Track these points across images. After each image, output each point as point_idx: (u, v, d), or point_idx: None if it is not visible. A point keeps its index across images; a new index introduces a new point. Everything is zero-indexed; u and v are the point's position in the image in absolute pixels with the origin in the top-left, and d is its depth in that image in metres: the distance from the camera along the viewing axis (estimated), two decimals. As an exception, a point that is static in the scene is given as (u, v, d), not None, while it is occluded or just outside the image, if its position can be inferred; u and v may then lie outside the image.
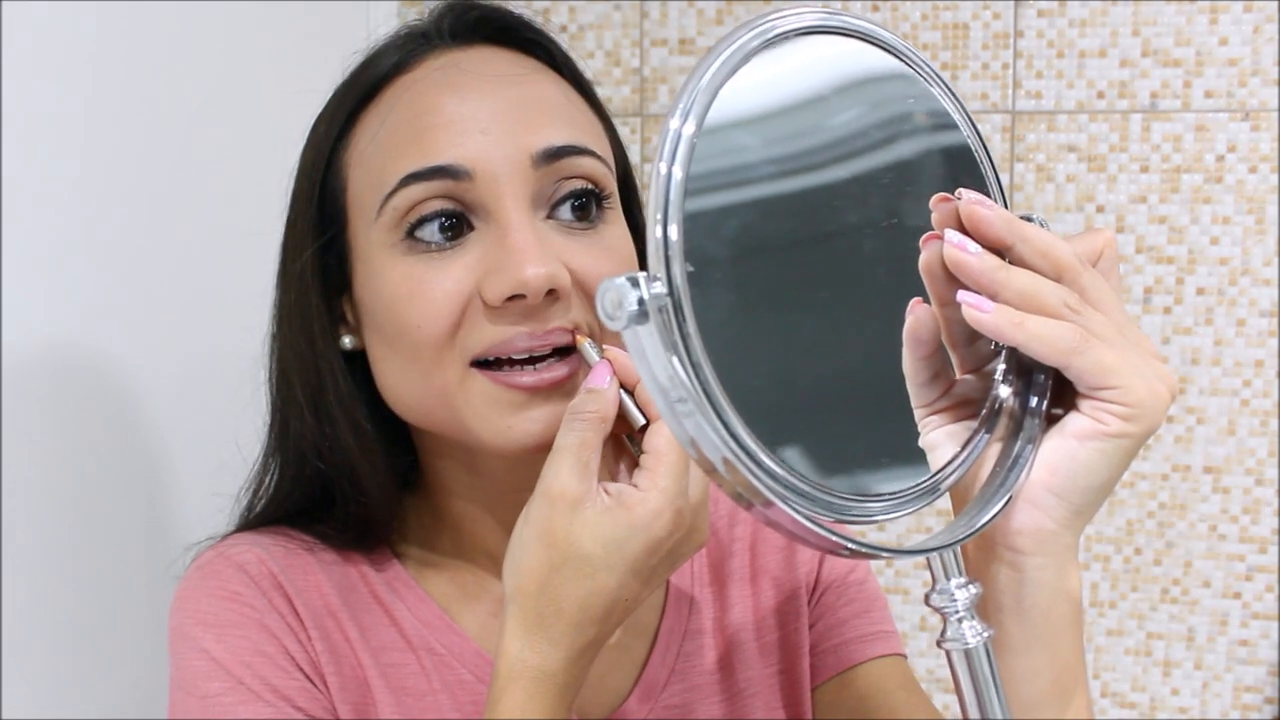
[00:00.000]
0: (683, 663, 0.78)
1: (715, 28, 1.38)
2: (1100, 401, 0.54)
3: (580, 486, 0.62)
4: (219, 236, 1.07)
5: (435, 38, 0.72)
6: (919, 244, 0.55)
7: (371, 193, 0.70)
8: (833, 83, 0.55)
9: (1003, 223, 0.54)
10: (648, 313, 0.46)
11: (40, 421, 0.88)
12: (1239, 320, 1.29)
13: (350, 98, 0.72)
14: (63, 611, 0.90)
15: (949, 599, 0.55)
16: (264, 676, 0.69)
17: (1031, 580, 0.57)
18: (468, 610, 0.76)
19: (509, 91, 0.70)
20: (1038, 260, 0.54)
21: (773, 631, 0.82)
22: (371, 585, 0.75)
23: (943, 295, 0.55)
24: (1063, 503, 0.55)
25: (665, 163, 0.47)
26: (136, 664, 0.96)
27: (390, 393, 0.72)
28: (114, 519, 0.95)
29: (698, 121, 0.48)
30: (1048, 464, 0.55)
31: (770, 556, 0.84)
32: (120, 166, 0.95)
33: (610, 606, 0.62)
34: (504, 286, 0.66)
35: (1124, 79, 1.29)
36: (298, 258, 0.73)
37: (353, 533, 0.75)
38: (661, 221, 0.47)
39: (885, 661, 0.83)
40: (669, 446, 0.63)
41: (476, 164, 0.67)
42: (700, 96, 0.48)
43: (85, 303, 0.92)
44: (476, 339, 0.67)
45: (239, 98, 1.10)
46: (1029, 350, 0.53)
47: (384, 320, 0.69)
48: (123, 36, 0.95)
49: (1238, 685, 1.33)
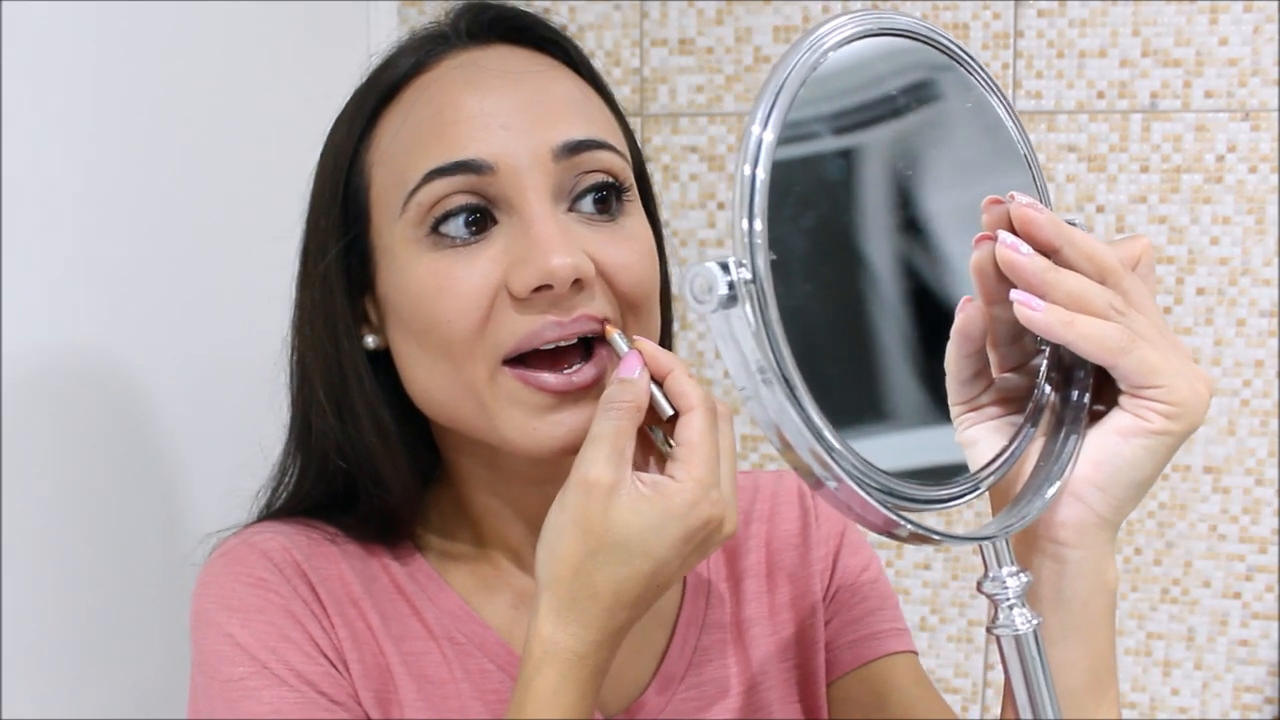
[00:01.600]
0: (700, 655, 0.79)
1: (715, 28, 1.38)
2: (1144, 400, 0.57)
3: (615, 474, 0.63)
4: (223, 237, 1.06)
5: (453, 38, 0.74)
6: (971, 243, 0.58)
7: (395, 190, 0.70)
8: (899, 83, 0.59)
9: (1052, 226, 0.56)
10: (737, 297, 0.50)
11: (48, 422, 0.87)
12: (1239, 320, 1.29)
13: (370, 98, 0.73)
14: (64, 611, 0.90)
15: (1001, 586, 0.57)
16: (288, 661, 0.69)
17: (1072, 572, 0.59)
18: (488, 602, 0.76)
19: (528, 87, 0.71)
20: (1083, 263, 0.56)
21: (788, 627, 0.83)
22: (394, 576, 0.76)
23: (991, 294, 0.58)
24: (1106, 497, 0.58)
25: (749, 165, 0.51)
26: (137, 664, 0.96)
27: (418, 389, 0.72)
28: (115, 519, 0.95)
29: (776, 128, 0.52)
30: (1092, 459, 0.58)
31: (786, 554, 0.84)
32: (120, 167, 0.95)
33: (643, 592, 0.63)
34: (531, 277, 0.66)
35: (1124, 79, 1.29)
36: (321, 258, 0.73)
37: (375, 526, 0.76)
38: (747, 215, 0.51)
39: (900, 658, 0.84)
40: (702, 439, 0.64)
41: (499, 158, 0.68)
42: (780, 101, 0.52)
43: (95, 304, 0.92)
44: (507, 333, 0.68)
45: (238, 98, 1.10)
46: (1077, 348, 0.56)
47: (411, 316, 0.70)
48: (121, 38, 0.95)
49: (1238, 685, 1.33)
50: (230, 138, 1.08)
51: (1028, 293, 0.56)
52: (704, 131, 1.39)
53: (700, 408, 0.65)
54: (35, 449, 0.87)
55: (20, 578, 0.85)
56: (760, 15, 1.37)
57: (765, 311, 0.50)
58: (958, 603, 1.38)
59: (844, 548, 0.87)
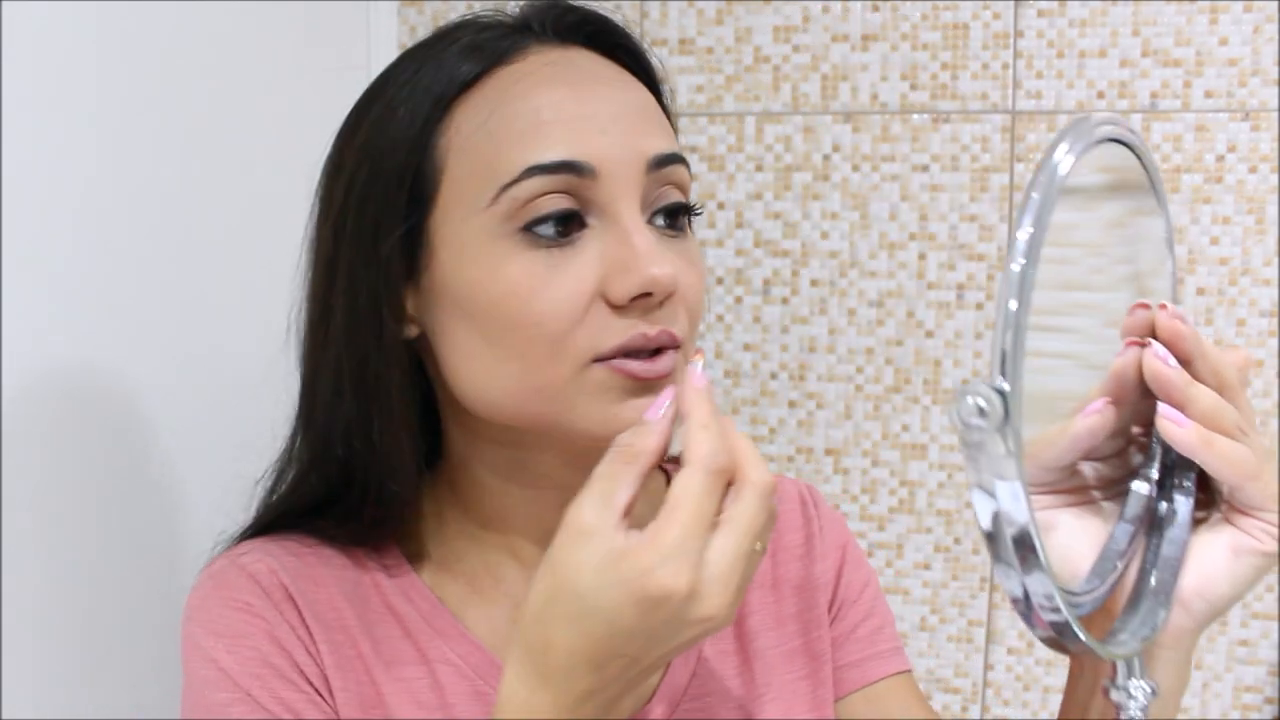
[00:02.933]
0: (704, 667, 0.78)
1: (715, 28, 1.38)
2: (1260, 521, 0.59)
3: (594, 519, 0.57)
4: (223, 238, 1.06)
5: (538, 32, 0.72)
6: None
7: (481, 180, 0.68)
8: (1118, 209, 0.63)
9: (1194, 339, 0.59)
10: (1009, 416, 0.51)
11: (48, 423, 0.87)
12: (1239, 320, 1.29)
13: (445, 83, 0.70)
14: (64, 612, 0.90)
15: (1127, 696, 0.60)
16: (272, 689, 0.69)
17: (1162, 670, 0.63)
18: (485, 617, 0.75)
19: (621, 95, 0.70)
20: (1210, 377, 0.59)
21: (795, 638, 0.82)
22: (385, 594, 0.75)
23: (1123, 397, 0.60)
24: (1209, 607, 0.61)
25: (1014, 300, 0.52)
26: (137, 665, 0.96)
27: (467, 384, 0.70)
28: (116, 519, 0.95)
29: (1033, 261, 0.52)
30: (1202, 571, 0.61)
31: (791, 565, 0.84)
32: (119, 168, 0.95)
33: (603, 658, 0.57)
34: (634, 285, 0.66)
35: (1124, 79, 1.29)
36: (368, 243, 0.70)
37: (367, 525, 0.74)
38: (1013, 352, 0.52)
39: (902, 678, 0.85)
40: (687, 500, 0.57)
41: (601, 163, 0.67)
42: (1037, 234, 0.53)
43: (90, 306, 0.92)
44: (605, 338, 0.67)
45: (237, 99, 1.10)
46: (1210, 468, 0.59)
47: (488, 313, 0.68)
48: (120, 40, 0.95)
49: (1238, 685, 1.33)
50: (229, 139, 1.08)
51: (1171, 407, 0.58)
52: (704, 131, 1.39)
53: (695, 465, 0.58)
54: (35, 449, 0.87)
55: (20, 578, 0.85)
56: (760, 15, 1.37)
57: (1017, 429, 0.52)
58: (958, 603, 1.38)
59: (847, 562, 0.86)
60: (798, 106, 1.37)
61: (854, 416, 1.38)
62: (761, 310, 1.39)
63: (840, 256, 1.37)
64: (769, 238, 1.38)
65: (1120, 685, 0.60)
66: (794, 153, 1.37)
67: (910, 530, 1.37)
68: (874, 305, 1.36)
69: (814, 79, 1.36)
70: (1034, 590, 0.53)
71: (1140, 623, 0.60)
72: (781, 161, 1.38)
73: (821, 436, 1.39)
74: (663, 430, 0.60)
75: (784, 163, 1.38)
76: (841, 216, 1.37)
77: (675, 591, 0.55)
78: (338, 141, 0.74)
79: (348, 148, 0.73)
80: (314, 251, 0.75)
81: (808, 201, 1.37)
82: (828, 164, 1.37)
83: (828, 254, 1.37)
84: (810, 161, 1.37)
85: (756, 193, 1.38)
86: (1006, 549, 0.52)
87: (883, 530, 1.38)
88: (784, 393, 1.40)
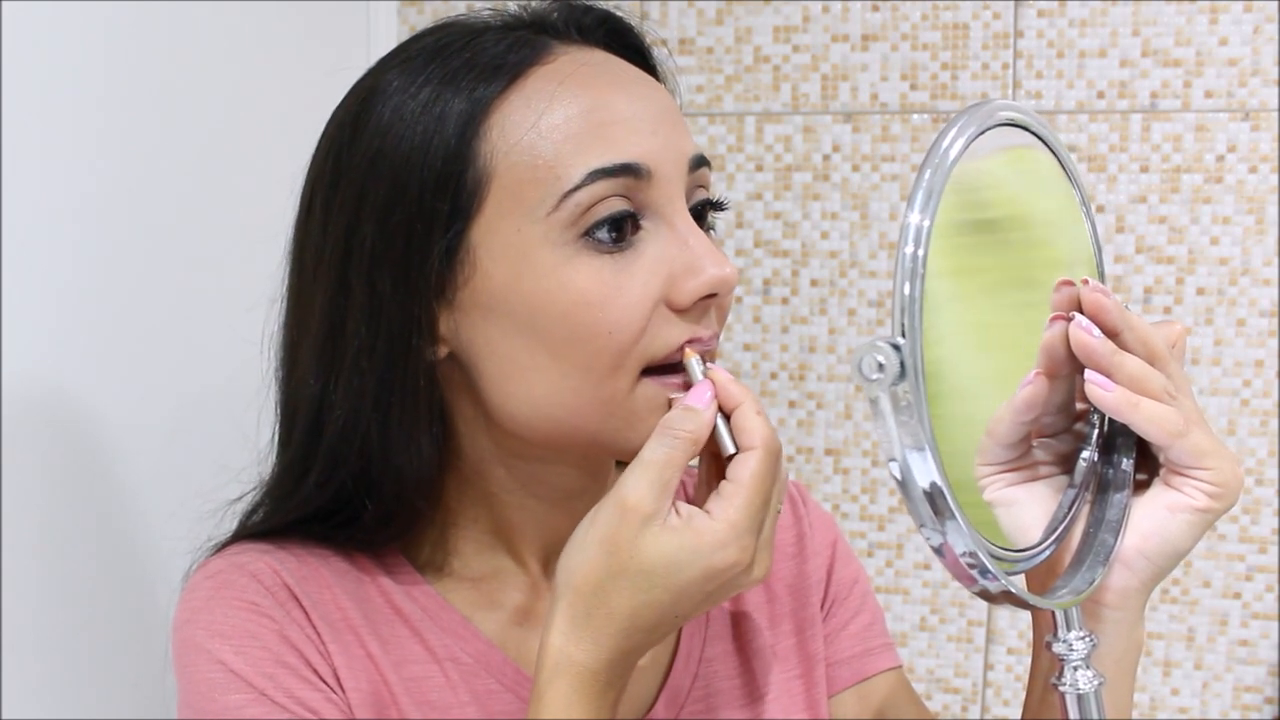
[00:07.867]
0: (705, 668, 0.79)
1: (715, 28, 1.38)
2: (1191, 479, 0.61)
3: (654, 504, 0.62)
4: (222, 238, 1.07)
5: (563, 32, 0.70)
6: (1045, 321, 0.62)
7: (540, 186, 0.65)
8: (1019, 173, 0.65)
9: (1117, 312, 0.61)
10: (905, 373, 0.52)
11: (47, 429, 0.88)
12: (1239, 320, 1.29)
13: (478, 86, 0.66)
14: (64, 612, 0.90)
15: (1069, 648, 0.62)
16: (287, 687, 0.67)
17: (1110, 631, 0.64)
18: (491, 618, 0.74)
19: (656, 95, 0.70)
20: (1138, 347, 0.61)
21: (789, 637, 0.82)
22: (390, 597, 0.73)
23: (1056, 369, 0.62)
24: (1150, 565, 0.63)
25: (910, 245, 0.54)
26: (137, 665, 0.96)
27: (518, 402, 0.67)
28: (116, 519, 0.95)
29: (931, 216, 0.55)
30: (1140, 530, 0.63)
31: (784, 564, 0.84)
32: (120, 169, 0.95)
33: (659, 620, 0.63)
34: (702, 287, 0.66)
35: (1124, 79, 1.29)
36: (402, 261, 0.66)
37: (372, 531, 0.72)
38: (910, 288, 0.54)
39: (894, 674, 0.85)
40: (753, 480, 0.63)
41: (656, 164, 0.66)
42: (935, 193, 0.55)
43: (90, 310, 0.92)
44: (661, 343, 0.66)
45: (237, 100, 1.10)
46: (1138, 428, 0.61)
47: (552, 326, 0.65)
48: (120, 40, 0.95)
49: (1238, 685, 1.33)
50: (228, 139, 1.08)
51: (1098, 373, 0.60)
52: (704, 131, 1.39)
53: (762, 448, 0.63)
54: (36, 450, 0.87)
55: (20, 578, 0.85)
56: (760, 15, 1.37)
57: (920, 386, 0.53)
58: (958, 603, 1.38)
59: (837, 559, 0.86)
60: (798, 106, 1.37)
61: (854, 416, 1.38)
62: (761, 310, 1.39)
63: (840, 256, 1.37)
64: (769, 238, 1.38)
65: (1062, 639, 0.62)
66: (794, 153, 1.37)
67: (910, 530, 1.37)
68: (874, 305, 1.37)
69: (814, 79, 1.36)
70: (955, 544, 0.55)
71: (1081, 580, 0.62)
72: (781, 161, 1.38)
73: (821, 436, 1.39)
74: (709, 419, 0.64)
75: (784, 163, 1.38)
76: (841, 216, 1.37)
77: (740, 564, 0.62)
78: (331, 152, 0.70)
79: (348, 159, 0.68)
80: (311, 267, 0.70)
81: (808, 201, 1.37)
82: (828, 164, 1.37)
83: (828, 254, 1.37)
84: (810, 161, 1.37)
85: (756, 193, 1.38)
86: (918, 505, 0.54)
87: (883, 530, 1.38)
88: (784, 393, 1.40)
